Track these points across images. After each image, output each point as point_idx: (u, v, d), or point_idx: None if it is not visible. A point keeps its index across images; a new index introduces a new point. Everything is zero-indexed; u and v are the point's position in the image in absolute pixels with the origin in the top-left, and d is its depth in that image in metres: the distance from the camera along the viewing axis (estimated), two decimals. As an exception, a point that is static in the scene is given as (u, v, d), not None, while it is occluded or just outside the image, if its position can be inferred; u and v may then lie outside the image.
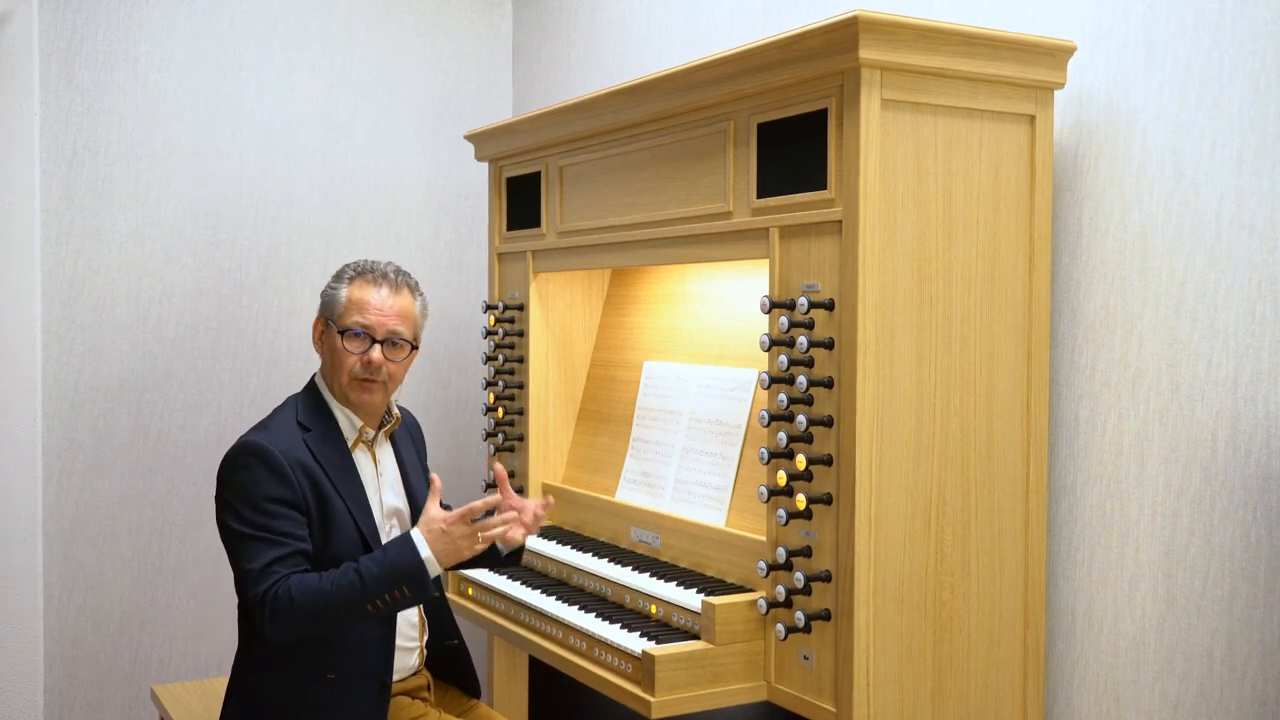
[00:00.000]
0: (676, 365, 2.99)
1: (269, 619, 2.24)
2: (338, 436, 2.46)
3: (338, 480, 2.40)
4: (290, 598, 2.23)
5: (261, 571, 2.26)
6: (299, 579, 2.25)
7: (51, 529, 3.73)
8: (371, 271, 2.49)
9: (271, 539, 2.28)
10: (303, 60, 4.04)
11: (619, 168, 2.86)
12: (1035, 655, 2.35)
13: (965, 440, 2.27)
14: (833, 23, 2.12)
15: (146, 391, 3.85)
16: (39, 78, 3.67)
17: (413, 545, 2.27)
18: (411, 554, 2.26)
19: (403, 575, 2.25)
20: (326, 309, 2.49)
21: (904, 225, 2.19)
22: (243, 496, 2.31)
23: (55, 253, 3.72)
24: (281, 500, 2.31)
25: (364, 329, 2.43)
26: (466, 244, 4.34)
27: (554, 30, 4.16)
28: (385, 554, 2.28)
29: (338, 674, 2.37)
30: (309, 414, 2.45)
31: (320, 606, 2.23)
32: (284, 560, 2.28)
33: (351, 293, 2.46)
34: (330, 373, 2.48)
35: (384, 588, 2.24)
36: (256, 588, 2.25)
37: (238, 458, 2.34)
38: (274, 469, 2.32)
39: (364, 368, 2.42)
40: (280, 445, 2.35)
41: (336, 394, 2.48)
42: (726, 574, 2.61)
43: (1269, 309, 2.07)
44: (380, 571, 2.25)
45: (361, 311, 2.44)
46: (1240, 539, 2.11)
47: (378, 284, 2.47)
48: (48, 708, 3.73)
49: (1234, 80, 2.12)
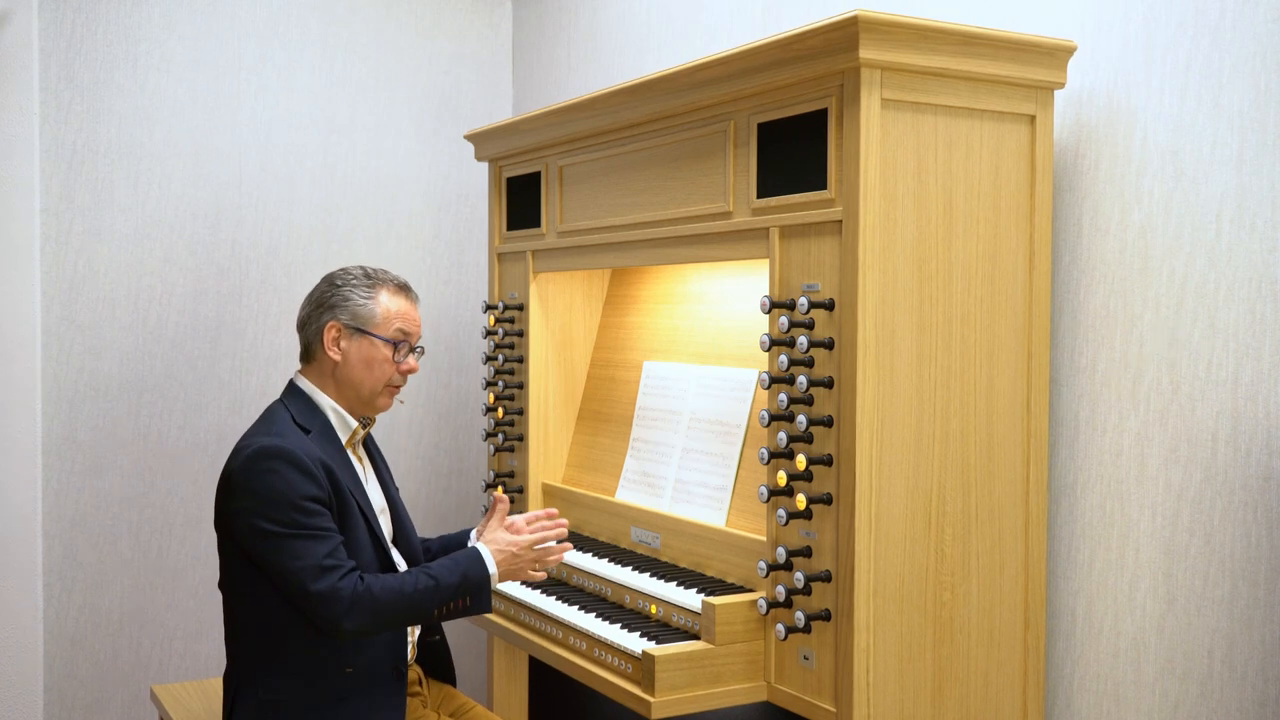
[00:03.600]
0: (676, 365, 2.99)
1: (347, 611, 2.27)
2: (334, 437, 2.49)
3: (344, 477, 2.43)
4: (372, 593, 2.29)
5: (321, 567, 2.27)
6: (373, 576, 2.33)
7: (51, 529, 3.73)
8: (395, 281, 2.55)
9: (317, 534, 2.30)
10: (303, 60, 4.04)
11: (619, 168, 2.86)
12: (1035, 655, 2.35)
13: (965, 440, 2.27)
14: (833, 23, 2.12)
15: (146, 391, 3.85)
16: (39, 78, 3.67)
17: (483, 561, 2.40)
18: (481, 570, 2.39)
19: (471, 587, 2.38)
20: (354, 316, 2.48)
21: (904, 225, 2.19)
22: (276, 499, 2.30)
23: (55, 253, 3.72)
24: (314, 498, 2.33)
25: (407, 339, 2.51)
26: (466, 244, 4.34)
27: (554, 30, 4.16)
28: (458, 565, 2.37)
29: (356, 667, 2.39)
30: (304, 417, 2.46)
31: (400, 603, 2.31)
32: (335, 552, 2.31)
33: (390, 303, 2.51)
34: (355, 378, 2.48)
35: (453, 595, 2.36)
36: (321, 581, 2.26)
37: (260, 463, 2.32)
38: (302, 469, 2.33)
39: (402, 376, 2.51)
40: (299, 446, 2.36)
41: (353, 399, 2.50)
42: (726, 574, 2.61)
43: (1269, 309, 2.07)
44: (454, 580, 2.35)
45: (407, 322, 2.52)
46: (1240, 539, 2.11)
47: (408, 294, 2.55)
48: (48, 708, 3.73)
49: (1234, 80, 2.12)
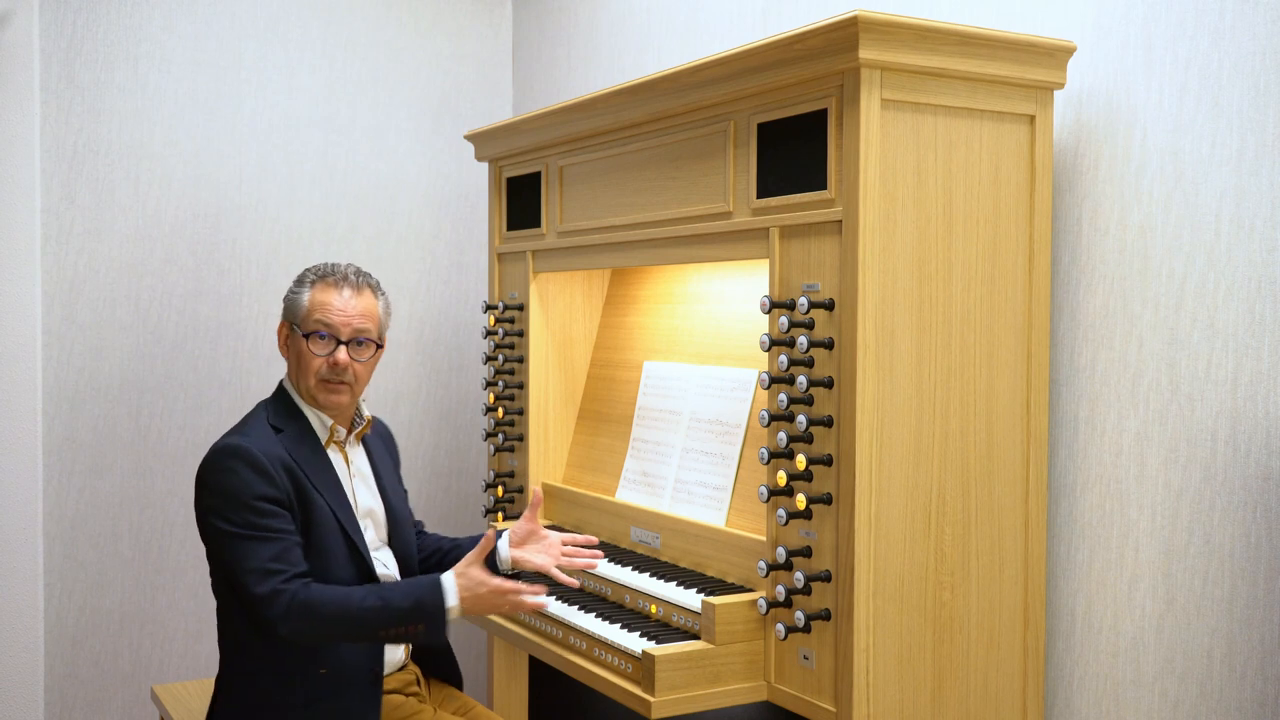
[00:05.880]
0: (676, 365, 2.99)
1: (283, 617, 2.26)
2: (311, 436, 2.49)
3: (315, 477, 2.43)
4: (312, 602, 2.27)
5: (265, 570, 2.28)
6: (318, 586, 2.30)
7: (51, 529, 3.73)
8: (332, 274, 2.51)
9: (267, 536, 2.31)
10: (303, 60, 4.04)
11: (619, 168, 2.86)
12: (1035, 655, 2.35)
13: (965, 440, 2.27)
14: (833, 23, 2.12)
15: (146, 391, 3.85)
16: (39, 78, 3.67)
17: (441, 592, 2.33)
18: (438, 600, 2.32)
19: (425, 614, 2.32)
20: (290, 313, 2.51)
21: (904, 225, 2.19)
22: (230, 498, 2.32)
23: (55, 253, 3.72)
24: (269, 499, 2.33)
25: (329, 330, 2.46)
26: (466, 244, 4.34)
27: (554, 30, 4.16)
28: (414, 590, 2.33)
29: (330, 668, 2.39)
30: (280, 417, 2.48)
31: (340, 617, 2.28)
32: (283, 556, 2.30)
33: (315, 296, 2.48)
34: (297, 376, 2.50)
35: (403, 620, 2.31)
36: (264, 584, 2.27)
37: (218, 460, 2.36)
38: (258, 468, 2.34)
39: (330, 369, 2.45)
40: (260, 445, 2.37)
41: (304, 396, 2.50)
42: (726, 574, 2.61)
43: (1269, 309, 2.07)
44: (405, 605, 2.31)
45: (325, 313, 2.46)
46: (1240, 539, 2.11)
47: (339, 286, 2.49)
48: (48, 708, 3.73)
49: (1234, 80, 2.12)
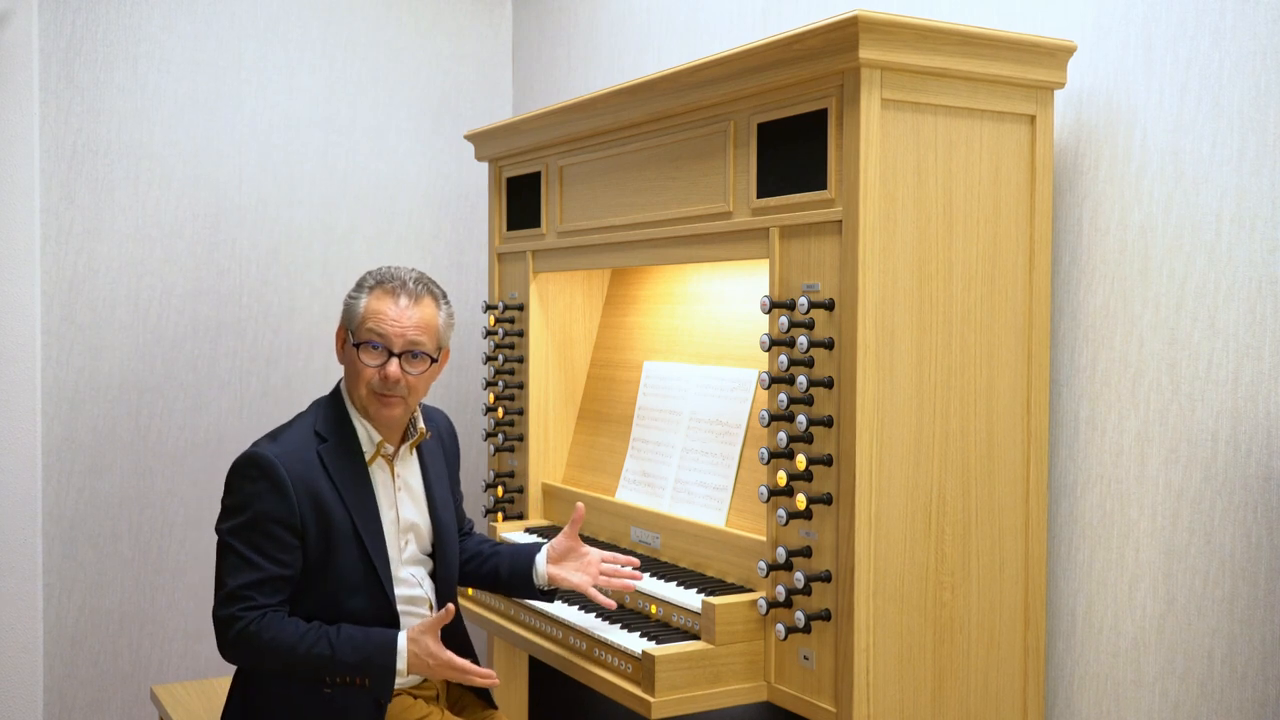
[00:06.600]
0: (676, 365, 2.99)
1: (230, 644, 2.28)
2: (355, 449, 2.41)
3: (347, 494, 2.36)
4: (259, 640, 2.25)
5: (234, 594, 2.27)
6: (275, 621, 2.27)
7: (51, 529, 3.73)
8: (390, 280, 2.39)
9: (255, 562, 2.28)
10: (303, 60, 4.04)
11: (619, 168, 2.86)
12: (1035, 655, 2.35)
13: (965, 440, 2.27)
14: (833, 23, 2.12)
15: (146, 391, 3.85)
16: (39, 78, 3.67)
17: (392, 654, 2.29)
18: (387, 661, 2.29)
19: (373, 671, 2.29)
20: (347, 318, 2.41)
21: (904, 225, 2.19)
22: (241, 506, 2.31)
23: (55, 253, 3.72)
24: (276, 519, 2.29)
25: (381, 341, 2.35)
26: (466, 244, 4.34)
27: (554, 30, 4.15)
28: (365, 646, 2.29)
29: (334, 688, 2.33)
30: (328, 424, 2.41)
31: (284, 658, 2.27)
32: (259, 586, 2.27)
33: (370, 303, 2.37)
34: (350, 384, 2.42)
35: (349, 673, 2.29)
36: (226, 607, 2.27)
37: (245, 468, 2.33)
38: (278, 487, 2.30)
39: (381, 382, 2.35)
40: (288, 460, 2.32)
41: (357, 405, 2.42)
42: (726, 574, 2.61)
43: (1269, 309, 2.07)
44: (352, 660, 2.28)
45: (378, 323, 2.35)
46: (1240, 539, 2.11)
47: (396, 294, 2.37)
48: (48, 708, 3.72)
49: (1234, 80, 2.12)
